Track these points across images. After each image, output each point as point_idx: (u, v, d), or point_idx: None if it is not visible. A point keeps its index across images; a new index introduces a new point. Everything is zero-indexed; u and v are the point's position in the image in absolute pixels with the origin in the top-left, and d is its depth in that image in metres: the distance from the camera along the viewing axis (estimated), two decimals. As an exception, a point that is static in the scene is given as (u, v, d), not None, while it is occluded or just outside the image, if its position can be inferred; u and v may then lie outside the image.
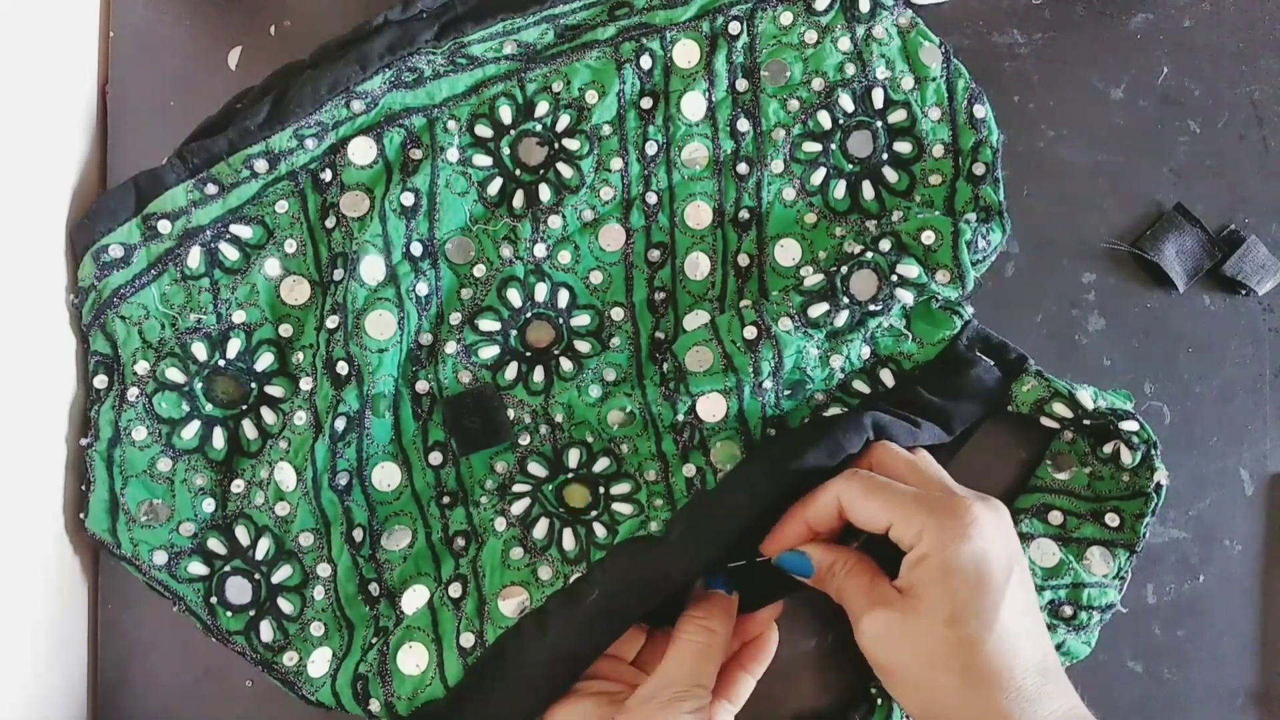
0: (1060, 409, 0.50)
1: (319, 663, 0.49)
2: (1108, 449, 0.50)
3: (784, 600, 0.49)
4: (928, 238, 0.50)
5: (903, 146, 0.52)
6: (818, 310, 0.49)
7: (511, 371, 0.52)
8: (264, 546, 0.50)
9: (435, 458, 0.51)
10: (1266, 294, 0.53)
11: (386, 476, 0.51)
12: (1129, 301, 0.54)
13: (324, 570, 0.50)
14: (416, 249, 0.51)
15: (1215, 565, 0.52)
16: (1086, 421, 0.50)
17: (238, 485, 0.50)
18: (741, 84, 0.52)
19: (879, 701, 0.50)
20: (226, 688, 0.52)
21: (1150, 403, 0.53)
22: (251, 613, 0.50)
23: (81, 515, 0.49)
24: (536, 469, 0.51)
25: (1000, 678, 0.40)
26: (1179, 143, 0.54)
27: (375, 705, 0.48)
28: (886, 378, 0.51)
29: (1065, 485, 0.51)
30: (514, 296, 0.52)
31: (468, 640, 0.48)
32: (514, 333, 0.52)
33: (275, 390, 0.51)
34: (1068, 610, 0.50)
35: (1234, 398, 0.53)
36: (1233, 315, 0.54)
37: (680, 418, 0.50)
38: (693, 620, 0.45)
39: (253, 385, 0.51)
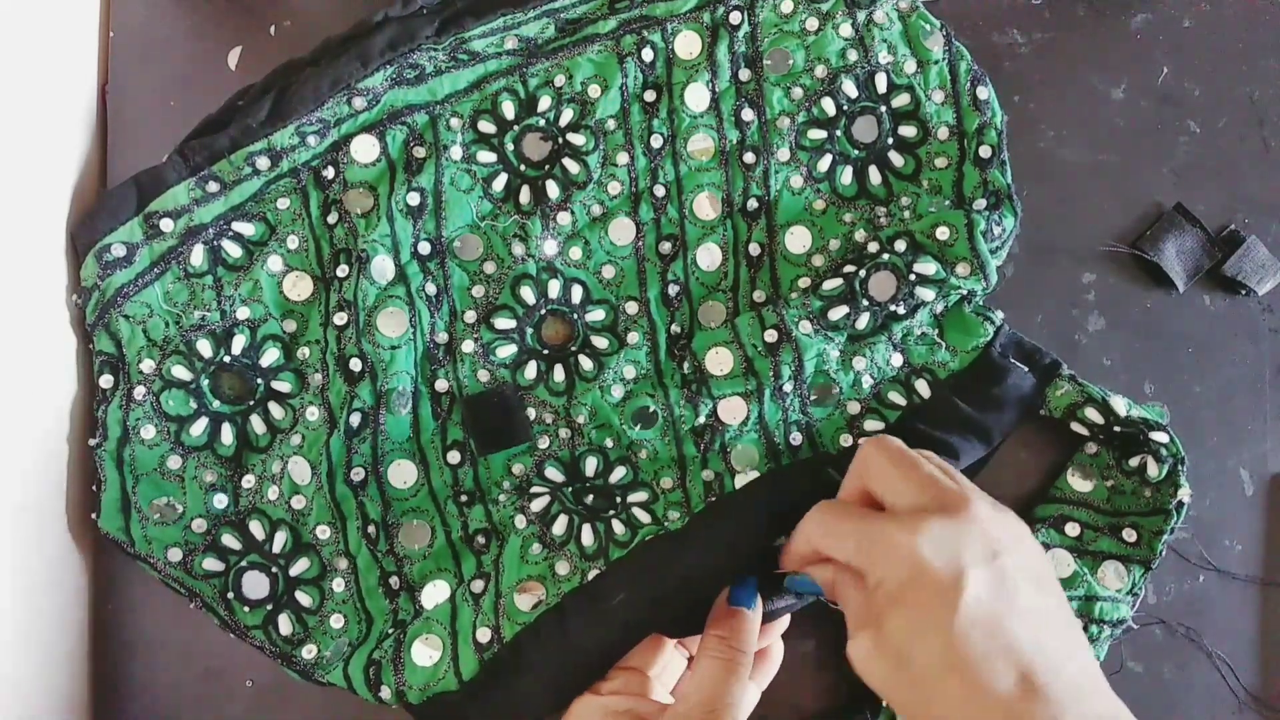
0: (1092, 414, 0.50)
1: (335, 653, 0.50)
2: (1134, 462, 0.50)
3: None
4: (942, 233, 0.50)
5: (908, 130, 0.52)
6: (838, 313, 0.49)
7: (531, 371, 0.52)
8: (281, 540, 0.50)
9: (453, 457, 0.51)
10: (1266, 294, 0.53)
11: (403, 474, 0.51)
12: (1129, 301, 0.54)
13: (341, 563, 0.50)
14: (424, 248, 0.51)
15: (1215, 565, 0.52)
16: (1117, 429, 0.50)
17: (248, 480, 0.50)
18: (744, 73, 0.52)
19: (884, 703, 0.50)
20: (226, 688, 0.52)
21: (1150, 403, 0.53)
22: (269, 607, 0.50)
23: (94, 515, 0.49)
24: (554, 474, 0.51)
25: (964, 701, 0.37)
26: (1179, 143, 0.54)
27: (386, 692, 0.48)
28: (922, 388, 0.51)
29: (1085, 497, 0.51)
30: (527, 294, 0.52)
31: (484, 635, 0.48)
32: (530, 330, 0.52)
33: (282, 385, 0.51)
34: (1079, 623, 0.49)
35: (1234, 398, 0.53)
36: (1233, 315, 0.54)
37: (702, 420, 0.50)
38: (718, 639, 0.44)
39: (259, 381, 0.51)
